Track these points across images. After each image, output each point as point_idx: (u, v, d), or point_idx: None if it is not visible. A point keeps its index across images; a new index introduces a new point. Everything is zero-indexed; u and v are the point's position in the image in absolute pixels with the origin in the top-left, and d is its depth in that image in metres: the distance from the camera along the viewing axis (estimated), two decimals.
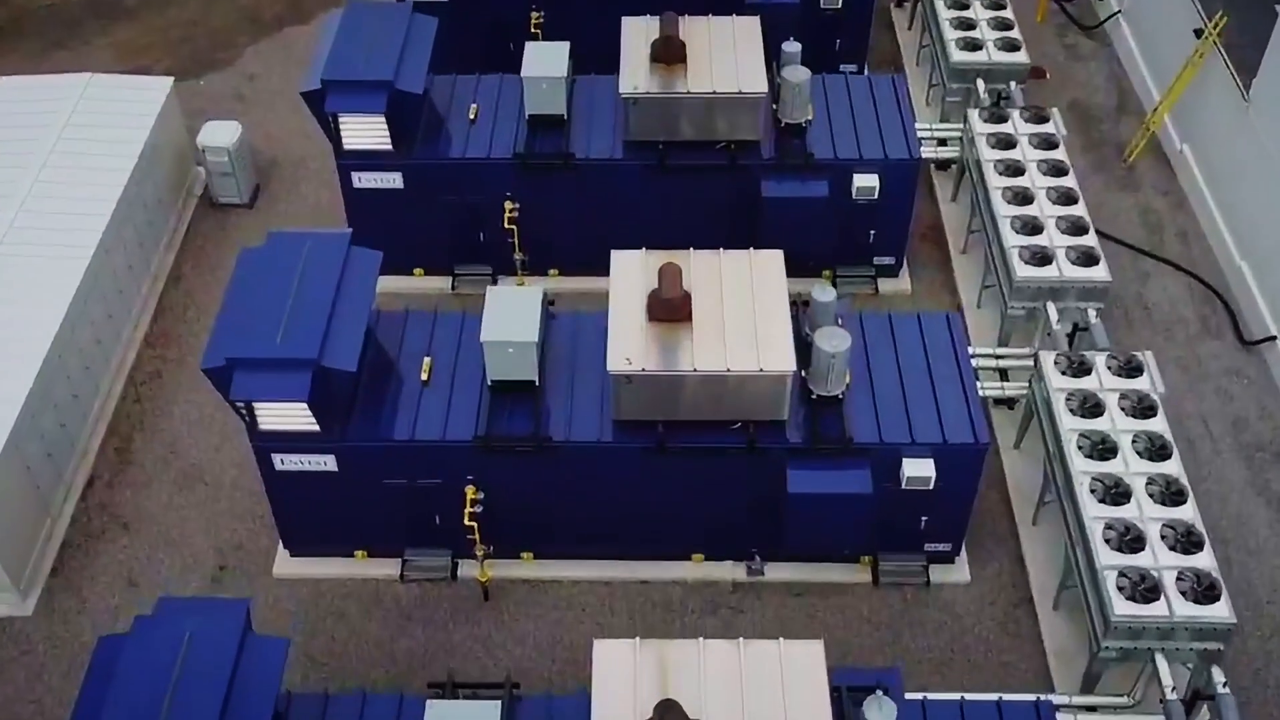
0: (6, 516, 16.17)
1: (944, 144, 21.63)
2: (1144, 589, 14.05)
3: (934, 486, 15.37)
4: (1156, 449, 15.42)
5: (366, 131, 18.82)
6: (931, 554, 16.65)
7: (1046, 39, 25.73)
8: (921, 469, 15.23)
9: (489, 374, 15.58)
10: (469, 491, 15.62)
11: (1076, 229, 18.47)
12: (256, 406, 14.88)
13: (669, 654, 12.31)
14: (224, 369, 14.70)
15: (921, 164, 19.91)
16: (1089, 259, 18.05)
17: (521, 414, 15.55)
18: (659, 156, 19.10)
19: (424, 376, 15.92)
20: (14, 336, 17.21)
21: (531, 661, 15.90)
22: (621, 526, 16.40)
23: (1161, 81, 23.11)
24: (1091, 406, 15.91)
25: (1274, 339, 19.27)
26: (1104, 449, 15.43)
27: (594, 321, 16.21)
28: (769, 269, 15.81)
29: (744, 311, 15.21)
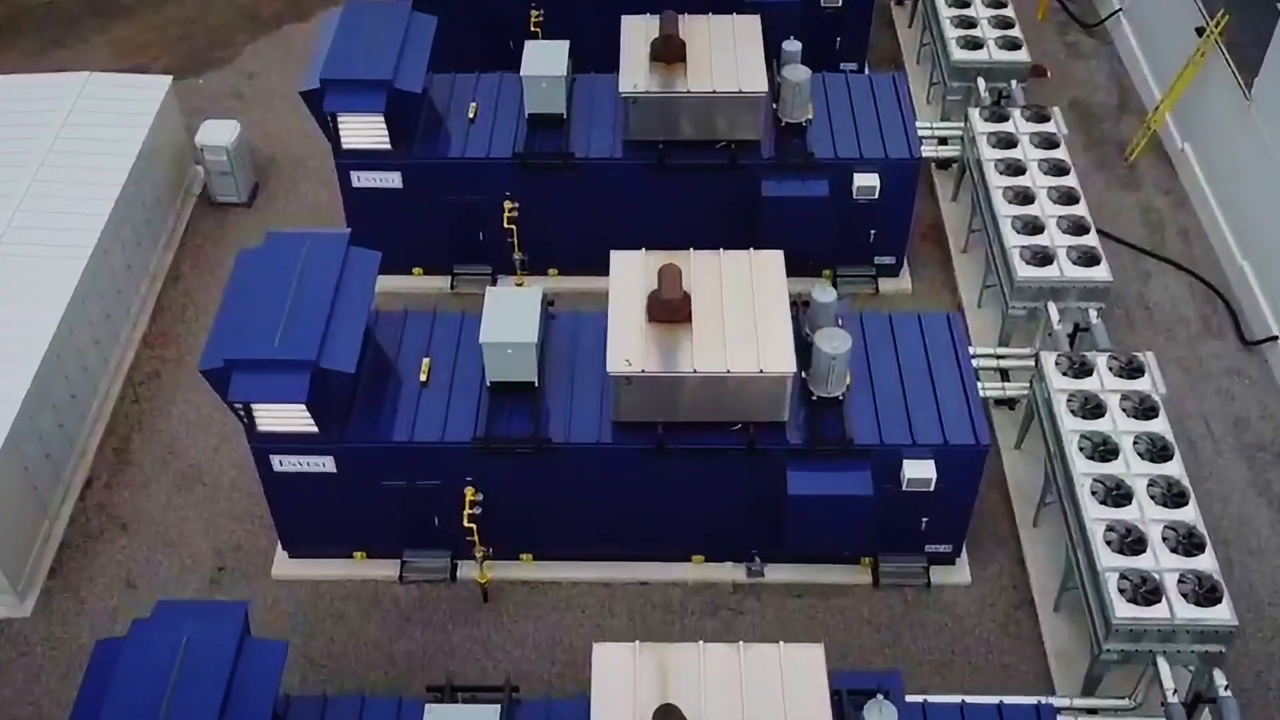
0: (4, 517, 16.12)
1: (944, 143, 21.56)
2: (1145, 591, 14.01)
3: (935, 488, 15.31)
4: (1158, 450, 15.37)
5: (365, 131, 18.76)
6: (932, 555, 16.61)
7: (1047, 37, 25.66)
8: (922, 470, 15.18)
9: (488, 375, 15.52)
10: (468, 493, 15.57)
11: (1078, 229, 18.41)
12: (255, 408, 14.84)
13: (669, 657, 12.26)
14: (222, 370, 14.65)
15: (922, 163, 19.84)
16: (1090, 259, 17.99)
17: (521, 415, 15.49)
18: (659, 156, 19.03)
19: (423, 377, 15.87)
20: (12, 337, 17.16)
21: (531, 663, 15.85)
22: (621, 528, 16.35)
23: (1163, 80, 23.04)
24: (1093, 408, 15.86)
25: (1275, 339, 19.21)
26: (1105, 450, 15.38)
27: (594, 322, 16.15)
28: (769, 269, 15.75)
29: (744, 312, 15.15)
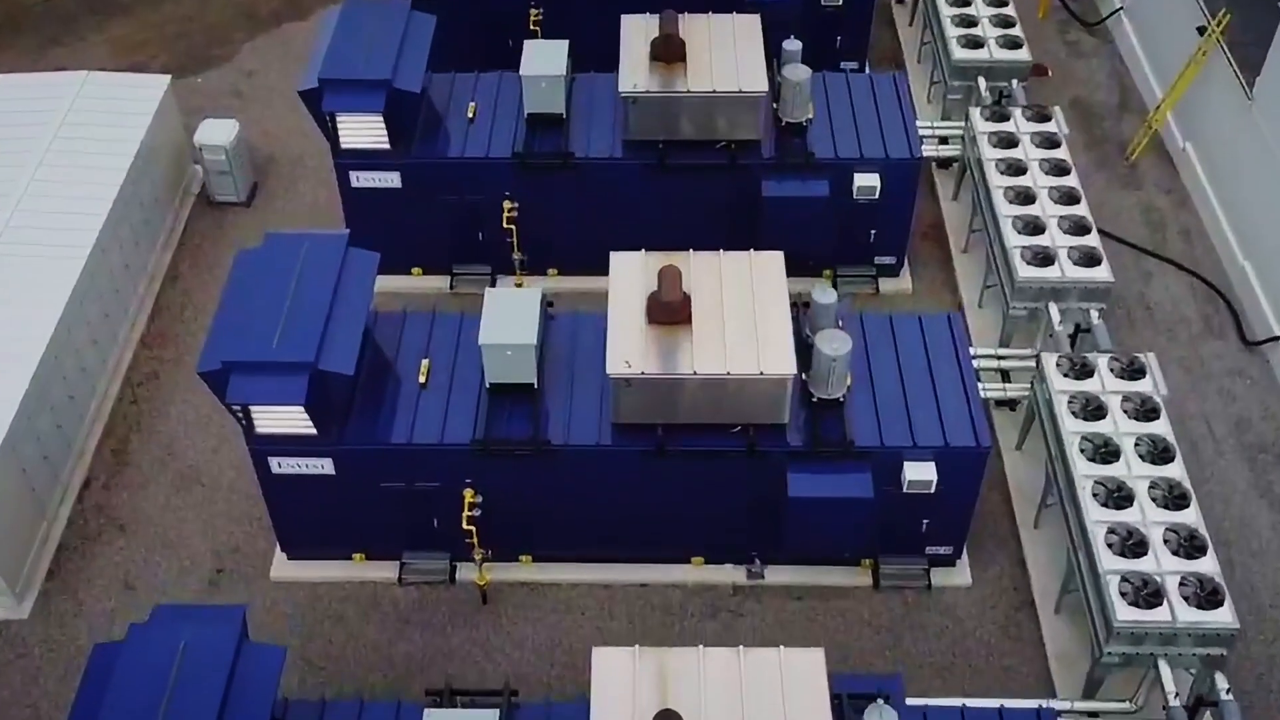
0: (2, 519, 16.07)
1: (945, 142, 21.50)
2: (1146, 594, 13.96)
3: (935, 490, 15.26)
4: (1159, 452, 15.32)
5: (364, 131, 18.69)
6: (932, 557, 16.56)
7: (1048, 36, 25.59)
8: (923, 472, 15.12)
9: (487, 376, 15.47)
10: (467, 495, 15.53)
11: (1079, 229, 18.35)
12: (253, 410, 14.78)
13: (668, 662, 12.22)
14: (220, 372, 14.59)
15: (923, 163, 19.77)
16: (1091, 259, 17.94)
17: (520, 417, 15.44)
18: (659, 156, 18.96)
19: (422, 379, 15.81)
20: (10, 337, 17.11)
21: (530, 666, 15.81)
22: (621, 529, 16.30)
23: (1164, 79, 22.98)
24: (1094, 409, 15.81)
25: (1277, 339, 19.16)
26: (1106, 452, 15.33)
27: (593, 323, 16.08)
28: (769, 270, 15.69)
29: (744, 314, 15.09)
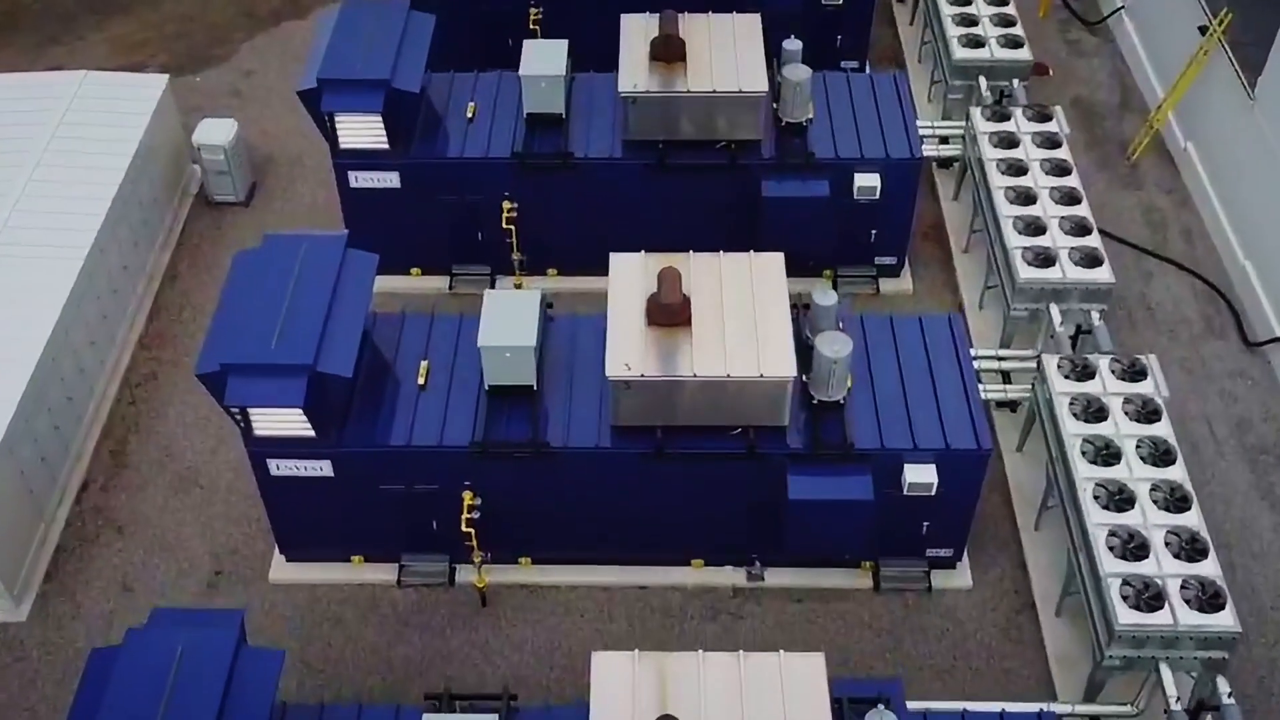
0: (0, 521, 16.01)
1: (946, 141, 21.41)
2: (1148, 597, 13.91)
3: (936, 492, 15.21)
4: (1160, 454, 15.27)
5: (363, 131, 18.63)
6: (933, 559, 16.51)
7: (1049, 35, 25.52)
8: (923, 475, 15.06)
9: (486, 379, 15.41)
10: (466, 497, 15.48)
11: (1080, 229, 18.29)
12: (251, 412, 14.73)
13: (668, 666, 12.18)
14: (218, 374, 14.53)
15: (923, 163, 19.71)
16: (1092, 260, 17.87)
17: (519, 419, 15.39)
18: (658, 156, 18.90)
19: (420, 380, 15.76)
20: (7, 338, 17.04)
21: (529, 668, 15.76)
22: (620, 531, 16.24)
23: (1165, 78, 22.91)
24: (1095, 411, 15.76)
25: (1278, 340, 19.10)
26: (1108, 454, 15.28)
27: (593, 324, 16.02)
28: (769, 272, 15.63)
29: (744, 316, 15.04)
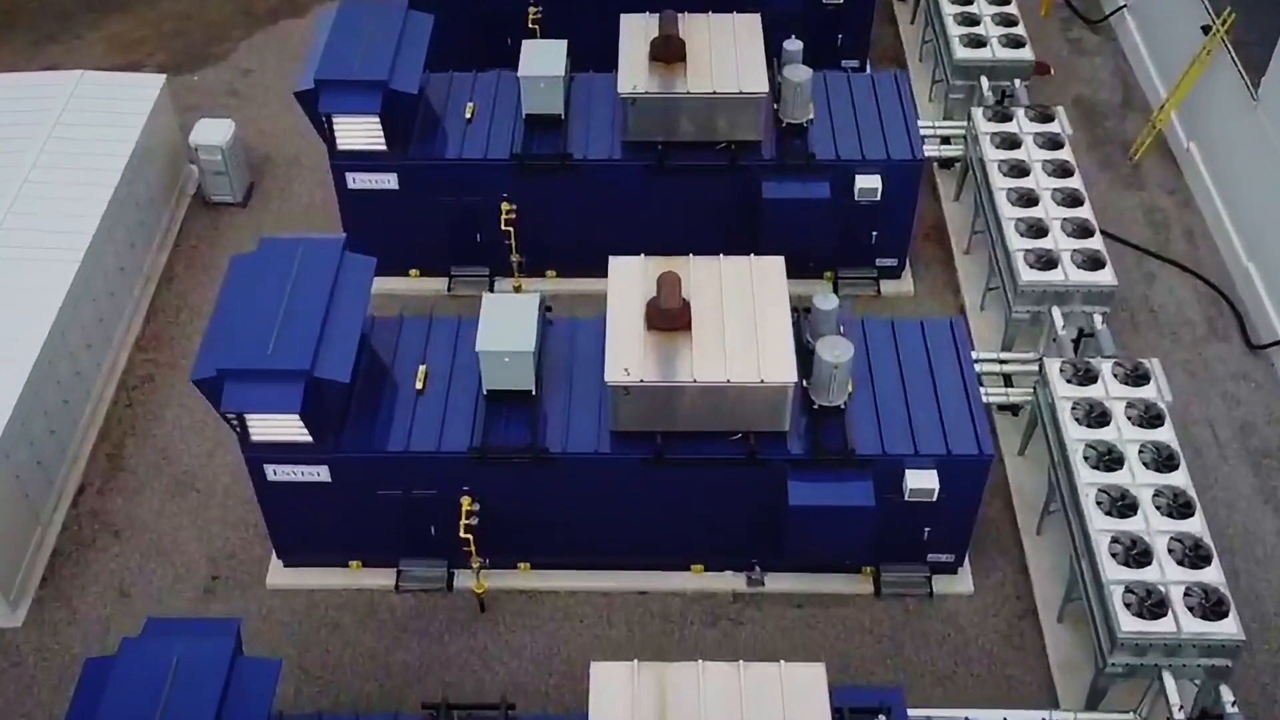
0: None
1: (947, 142, 21.28)
2: (1151, 604, 13.81)
3: (937, 498, 15.11)
4: (1164, 459, 15.16)
5: (361, 132, 18.52)
6: (934, 565, 16.41)
7: (1050, 34, 25.39)
8: (925, 480, 14.96)
9: (484, 384, 15.31)
10: (464, 502, 15.38)
11: (1082, 231, 18.17)
12: (248, 418, 14.62)
13: (668, 677, 12.06)
14: (215, 380, 14.43)
15: (924, 163, 19.58)
16: (1095, 262, 17.76)
17: (518, 424, 15.28)
18: (658, 157, 18.79)
19: (419, 385, 15.65)
20: (3, 340, 16.94)
21: (528, 675, 15.65)
22: (620, 537, 16.15)
23: (1168, 78, 22.79)
24: (1097, 416, 15.65)
25: None
26: (1110, 459, 15.18)
27: (592, 328, 15.91)
28: (769, 276, 15.53)
29: (744, 320, 14.93)
